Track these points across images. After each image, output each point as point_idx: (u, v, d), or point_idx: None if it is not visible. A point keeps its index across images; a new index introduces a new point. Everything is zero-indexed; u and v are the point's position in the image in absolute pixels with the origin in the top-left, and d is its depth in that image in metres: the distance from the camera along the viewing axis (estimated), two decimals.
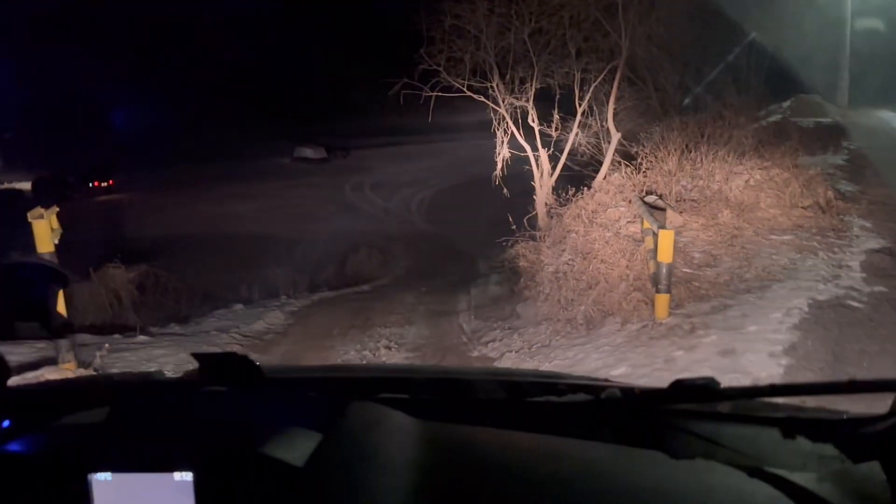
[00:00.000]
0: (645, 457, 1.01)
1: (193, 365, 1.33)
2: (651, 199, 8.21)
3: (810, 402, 1.29)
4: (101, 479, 0.96)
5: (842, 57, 19.00)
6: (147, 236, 22.57)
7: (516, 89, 10.70)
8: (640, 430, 1.14)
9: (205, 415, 1.18)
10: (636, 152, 9.83)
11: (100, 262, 10.87)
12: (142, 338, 7.18)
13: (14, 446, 1.00)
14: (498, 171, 10.80)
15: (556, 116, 10.60)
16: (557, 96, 10.62)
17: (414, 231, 23.78)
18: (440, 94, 10.55)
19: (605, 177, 10.08)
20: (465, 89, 10.57)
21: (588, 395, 1.27)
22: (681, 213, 7.79)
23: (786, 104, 17.40)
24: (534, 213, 10.88)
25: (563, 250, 8.14)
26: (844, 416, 1.12)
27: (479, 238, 22.45)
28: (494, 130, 10.72)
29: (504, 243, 10.05)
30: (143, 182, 33.11)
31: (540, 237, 9.49)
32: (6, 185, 29.68)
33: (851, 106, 18.58)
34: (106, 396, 1.26)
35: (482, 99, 10.67)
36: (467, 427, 1.09)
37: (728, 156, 8.90)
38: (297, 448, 0.96)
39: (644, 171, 8.95)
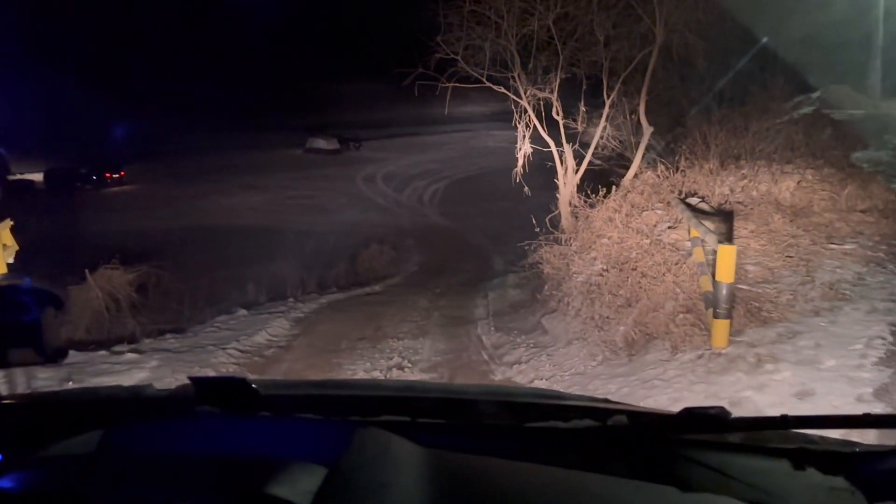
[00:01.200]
0: (655, 491, 0.95)
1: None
2: (693, 201, 7.28)
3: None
4: None
5: (873, 44, 17.82)
6: (156, 228, 21.87)
7: (539, 80, 9.75)
8: (650, 461, 1.08)
9: (203, 445, 1.13)
10: (671, 147, 8.87)
11: (106, 257, 10.15)
12: (129, 356, 6.36)
13: (6, 483, 0.95)
14: (519, 168, 9.86)
15: (581, 109, 9.63)
16: (584, 87, 9.65)
17: (426, 224, 22.89)
18: (458, 84, 9.62)
19: (635, 174, 9.14)
20: (484, 79, 9.64)
21: (594, 420, 1.21)
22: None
23: (815, 95, 16.33)
24: (556, 212, 9.96)
25: (594, 258, 7.23)
26: (857, 450, 1.11)
27: (493, 232, 21.62)
28: (515, 124, 9.77)
29: (523, 243, 9.17)
30: (156, 174, 32.38)
31: (565, 240, 8.58)
32: (18, 176, 29.03)
33: (884, 96, 17.46)
34: (96, 417, 1.23)
35: (502, 90, 9.72)
36: (475, 457, 1.04)
37: (775, 153, 7.92)
38: (301, 484, 0.91)
39: (682, 169, 8.00)
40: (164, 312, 10.29)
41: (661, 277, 5.79)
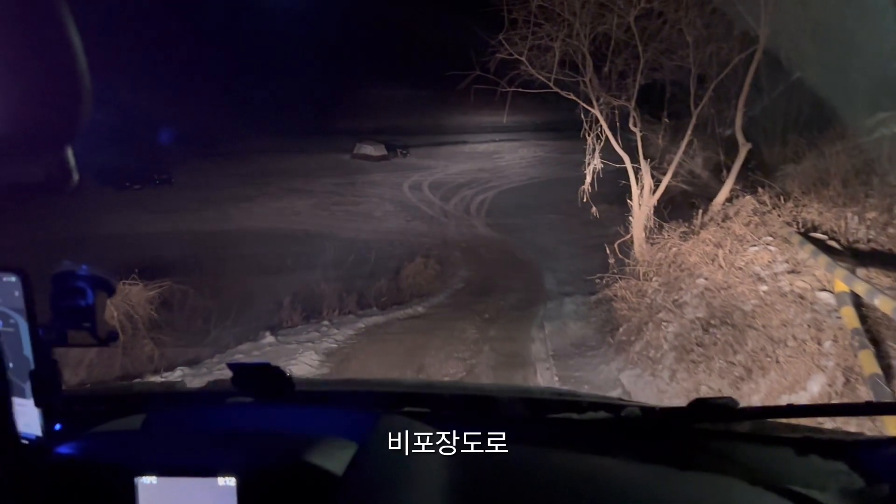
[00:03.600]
0: (666, 474, 0.96)
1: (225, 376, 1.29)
2: (817, 237, 5.69)
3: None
4: (146, 482, 1.00)
5: None
6: (199, 230, 21.01)
7: (614, 86, 8.24)
8: (661, 448, 1.09)
9: (241, 423, 1.18)
10: (752, 170, 7.26)
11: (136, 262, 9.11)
12: None
13: (65, 449, 1.03)
14: (587, 186, 8.36)
15: (664, 120, 8.08)
16: (668, 95, 8.10)
17: (473, 236, 21.43)
18: (520, 90, 8.18)
19: (726, 199, 7.55)
20: (550, 83, 8.18)
21: (608, 412, 1.21)
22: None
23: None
24: (627, 237, 8.44)
25: (686, 303, 5.70)
26: (860, 438, 1.13)
27: (542, 246, 20.07)
28: (585, 135, 8.27)
29: (576, 261, 7.70)
30: (206, 175, 31.67)
31: (641, 273, 7.06)
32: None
33: None
34: (138, 405, 1.31)
35: (571, 96, 8.24)
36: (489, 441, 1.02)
37: None
38: (335, 457, 0.97)
39: (793, 196, 6.40)
40: (187, 332, 9.12)
41: (801, 343, 4.23)
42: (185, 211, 24.64)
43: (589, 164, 8.32)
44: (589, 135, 8.26)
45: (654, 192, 8.15)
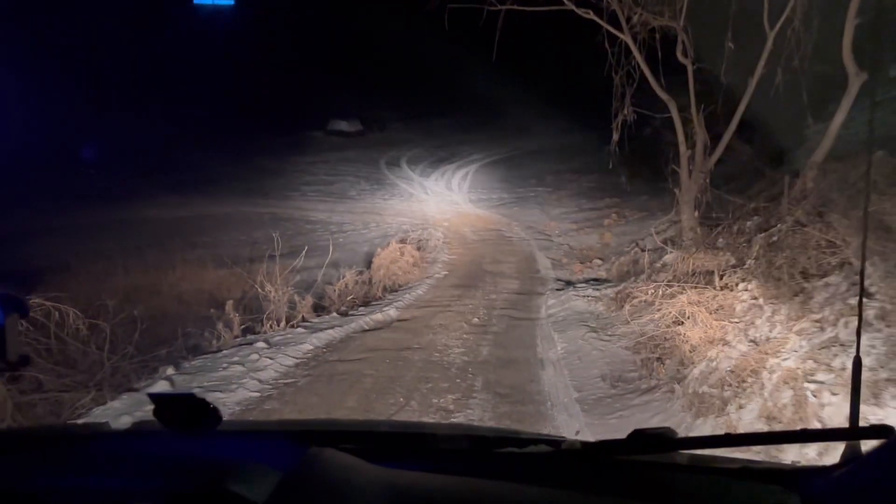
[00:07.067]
0: None
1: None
2: None
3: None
4: None
5: None
6: (158, 217, 18.08)
7: None
8: (602, 480, 1.04)
9: (161, 452, 1.13)
10: None
11: None
12: None
13: None
14: (615, 143, 5.62)
15: (728, 45, 5.33)
16: (733, 8, 5.32)
17: (456, 213, 18.72)
18: (517, 7, 5.38)
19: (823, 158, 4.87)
20: None
21: (549, 446, 1.16)
22: None
23: None
24: (667, 218, 5.76)
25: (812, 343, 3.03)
26: (798, 466, 1.09)
27: (531, 221, 17.46)
28: (612, 71, 5.51)
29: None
30: (171, 157, 28.42)
31: (696, 270, 4.39)
32: None
33: None
34: (54, 442, 1.24)
35: (591, 16, 5.46)
36: (428, 474, 0.97)
37: None
38: (257, 485, 0.91)
39: None
40: (67, 369, 6.35)
41: None
42: (146, 198, 21.58)
43: (616, 114, 5.57)
44: (616, 73, 5.50)
45: (712, 152, 5.45)
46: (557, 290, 9.74)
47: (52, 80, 22.54)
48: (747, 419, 3.13)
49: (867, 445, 0.92)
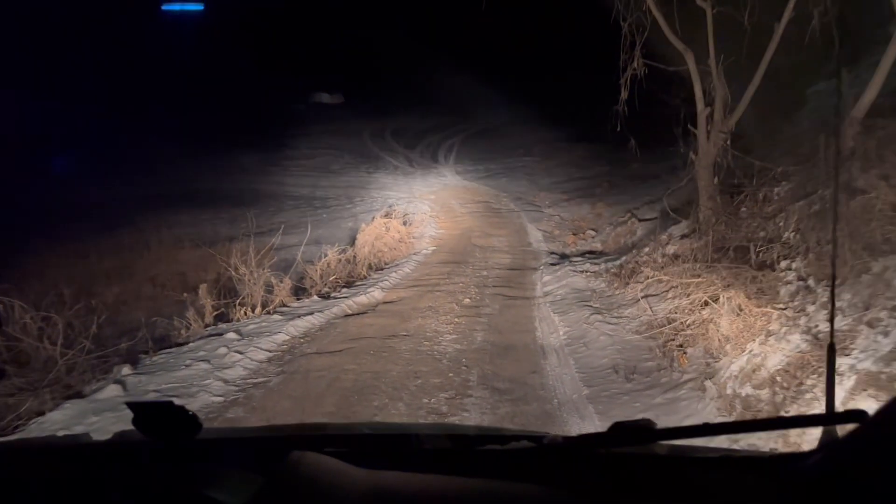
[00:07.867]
0: (590, 499, 0.92)
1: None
2: None
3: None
4: None
5: None
6: (126, 195, 17.10)
7: None
8: (584, 474, 1.03)
9: (143, 461, 1.10)
10: None
11: None
12: None
13: None
14: (622, 101, 4.91)
15: None
16: None
17: (442, 185, 17.96)
18: None
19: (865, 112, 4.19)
20: None
21: (531, 442, 1.15)
22: None
23: None
24: (678, 186, 5.09)
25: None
26: (777, 453, 1.09)
27: (519, 191, 16.77)
28: (618, 20, 4.77)
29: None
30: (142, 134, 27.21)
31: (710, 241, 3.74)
32: None
33: None
34: (35, 462, 1.18)
35: None
36: (412, 475, 0.96)
37: None
38: (237, 491, 0.87)
39: None
40: (18, 368, 5.62)
41: None
42: (116, 175, 20.54)
43: (625, 67, 4.83)
44: (624, 21, 4.75)
45: (729, 114, 4.74)
46: (552, 264, 9.10)
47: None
48: (814, 434, 2.51)
49: (843, 431, 0.89)
